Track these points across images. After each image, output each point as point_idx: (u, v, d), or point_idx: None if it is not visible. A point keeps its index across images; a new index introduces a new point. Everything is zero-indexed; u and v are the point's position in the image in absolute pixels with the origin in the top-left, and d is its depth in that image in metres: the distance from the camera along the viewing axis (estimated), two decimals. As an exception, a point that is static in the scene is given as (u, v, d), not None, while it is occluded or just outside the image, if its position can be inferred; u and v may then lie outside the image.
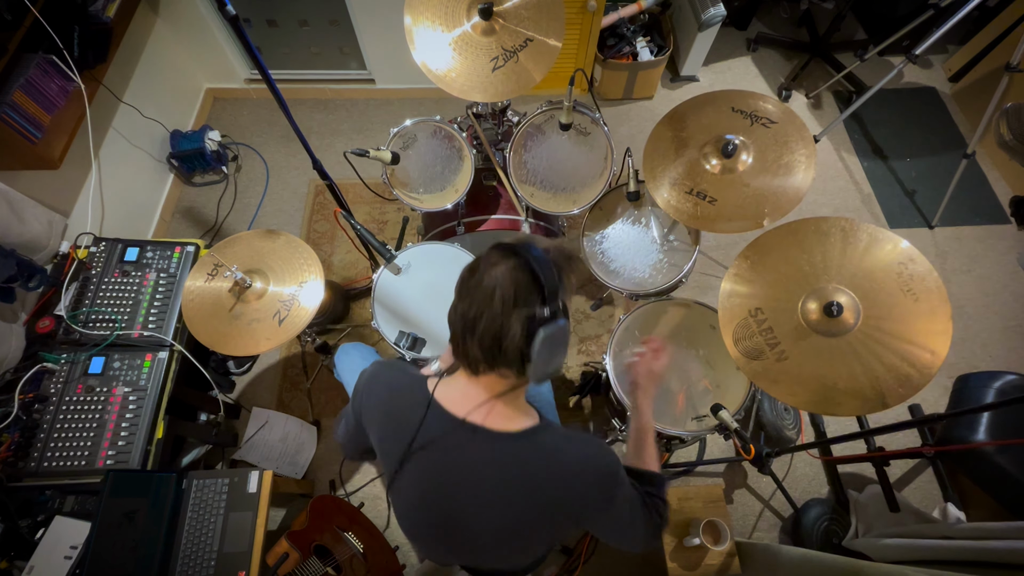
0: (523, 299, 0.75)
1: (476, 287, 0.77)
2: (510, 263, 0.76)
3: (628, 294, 1.64)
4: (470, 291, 0.78)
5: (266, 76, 1.15)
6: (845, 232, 1.16)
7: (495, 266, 0.77)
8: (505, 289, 0.75)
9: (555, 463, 0.83)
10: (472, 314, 0.77)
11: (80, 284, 1.58)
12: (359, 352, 1.48)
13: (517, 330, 0.74)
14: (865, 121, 2.78)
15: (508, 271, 0.75)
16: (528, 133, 1.62)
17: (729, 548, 1.54)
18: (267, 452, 1.88)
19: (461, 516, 0.86)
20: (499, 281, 0.75)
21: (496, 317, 0.75)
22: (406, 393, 0.91)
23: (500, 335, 0.75)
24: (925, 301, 1.06)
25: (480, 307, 0.76)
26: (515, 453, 0.83)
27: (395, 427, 0.89)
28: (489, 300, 0.75)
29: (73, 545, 1.28)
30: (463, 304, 0.79)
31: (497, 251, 0.79)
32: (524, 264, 0.76)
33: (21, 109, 1.60)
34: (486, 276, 0.76)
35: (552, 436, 0.85)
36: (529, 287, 0.75)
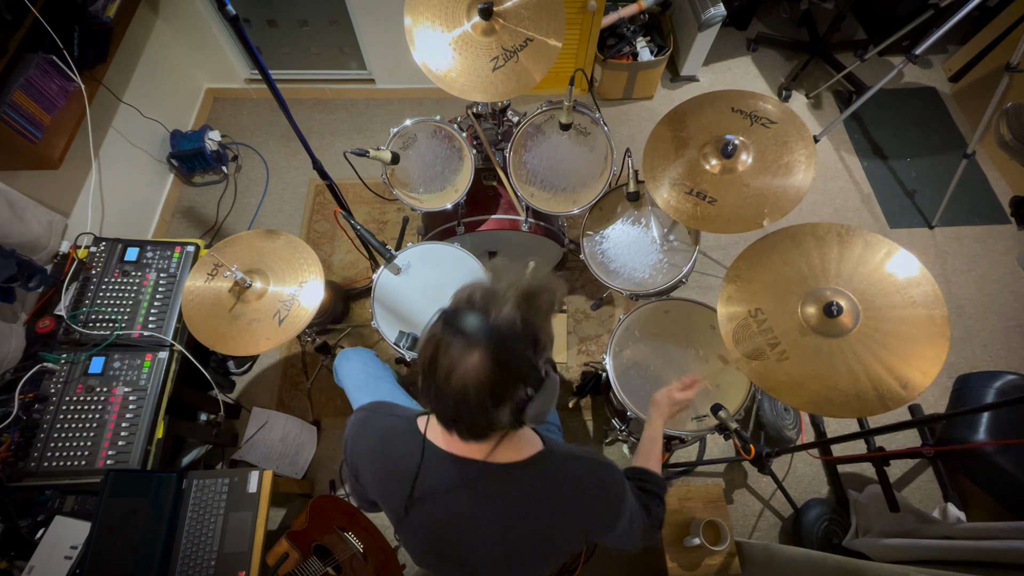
0: (500, 395, 0.68)
1: (444, 387, 0.68)
2: (472, 360, 0.65)
3: (628, 294, 1.64)
4: (439, 388, 0.69)
5: (266, 76, 1.15)
6: (841, 237, 1.16)
7: (458, 364, 0.66)
8: (477, 392, 0.66)
9: (563, 491, 0.82)
10: (448, 413, 0.71)
11: (80, 284, 1.58)
12: (359, 357, 1.48)
13: (505, 416, 0.70)
14: (865, 121, 2.78)
15: (473, 371, 0.66)
16: (528, 133, 1.62)
17: (729, 548, 1.54)
18: (267, 452, 1.88)
19: (471, 555, 0.85)
20: (468, 383, 0.66)
21: (476, 416, 0.69)
22: (397, 438, 0.88)
23: (486, 425, 0.72)
24: (923, 305, 1.06)
25: (456, 408, 0.69)
26: (522, 485, 0.81)
27: (392, 476, 0.86)
28: (463, 401, 0.68)
29: (73, 545, 1.28)
30: (435, 401, 0.71)
31: (455, 337, 0.67)
32: (488, 358, 0.65)
33: (21, 109, 1.60)
34: (452, 377, 0.67)
35: (558, 462, 0.84)
36: (503, 382, 0.67)
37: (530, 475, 0.81)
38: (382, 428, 0.92)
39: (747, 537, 1.89)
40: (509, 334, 0.67)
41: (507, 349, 0.67)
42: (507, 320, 0.68)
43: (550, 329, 0.74)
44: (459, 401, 0.68)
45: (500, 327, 0.67)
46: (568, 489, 0.82)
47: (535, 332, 0.70)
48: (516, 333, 0.68)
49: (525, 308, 0.69)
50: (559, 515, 0.82)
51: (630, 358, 1.58)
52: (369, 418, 0.95)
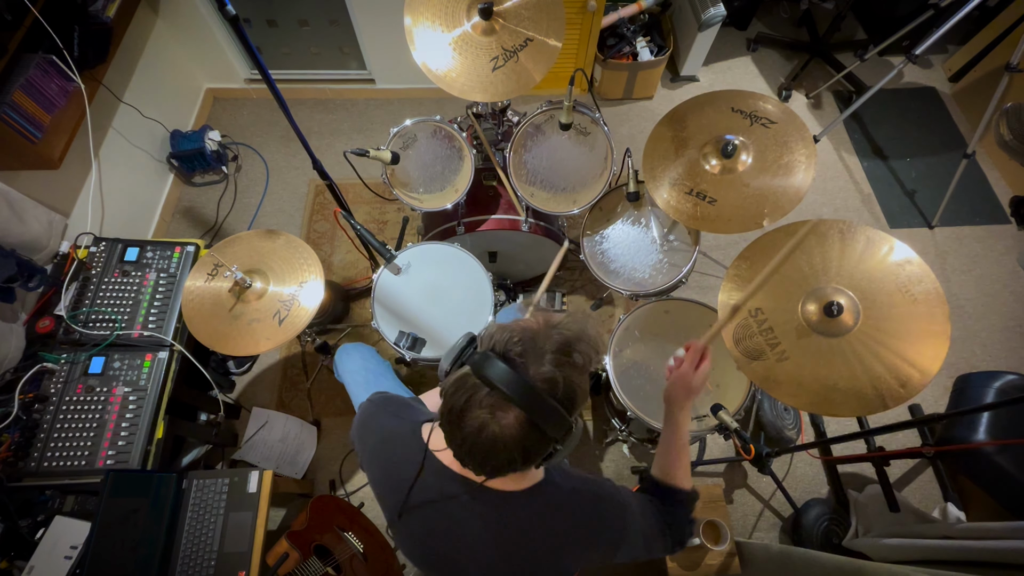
0: (532, 453, 0.66)
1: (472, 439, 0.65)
2: (508, 418, 0.63)
3: (628, 294, 1.64)
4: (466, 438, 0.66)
5: (266, 76, 1.15)
6: (843, 234, 1.16)
7: (490, 422, 0.64)
8: (508, 450, 0.65)
9: (560, 523, 0.81)
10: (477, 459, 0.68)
11: (80, 284, 1.58)
12: (360, 353, 1.48)
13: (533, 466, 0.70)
14: (865, 121, 2.78)
15: (509, 428, 0.64)
16: (528, 133, 1.62)
17: (729, 548, 1.54)
18: (267, 452, 1.88)
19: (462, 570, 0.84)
20: (500, 439, 0.64)
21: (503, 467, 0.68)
22: (399, 443, 0.87)
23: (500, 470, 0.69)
24: (924, 302, 1.06)
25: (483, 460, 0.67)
26: (518, 513, 0.80)
27: (390, 479, 0.85)
28: (491, 455, 0.66)
29: (73, 545, 1.28)
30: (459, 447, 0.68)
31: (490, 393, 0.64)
32: (524, 421, 0.64)
33: (21, 109, 1.60)
34: (482, 434, 0.64)
35: (557, 495, 0.82)
36: (536, 443, 0.65)
37: (528, 505, 0.80)
38: (385, 429, 0.91)
39: (747, 537, 1.89)
40: (547, 395, 0.64)
41: (544, 412, 0.64)
42: (546, 379, 0.65)
43: (586, 385, 0.70)
44: (487, 455, 0.66)
45: (538, 388, 0.64)
46: (564, 524, 0.81)
47: (572, 392, 0.67)
48: (555, 394, 0.65)
49: (565, 363, 0.66)
50: (552, 549, 0.80)
51: (630, 358, 1.58)
52: (374, 415, 0.94)
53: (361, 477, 1.96)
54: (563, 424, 0.66)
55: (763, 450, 1.28)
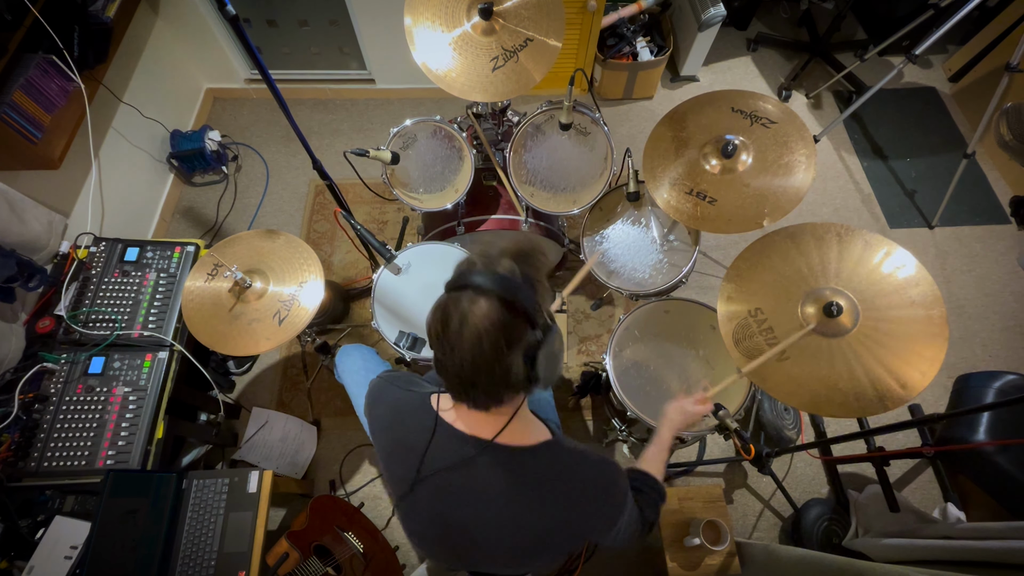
0: (514, 338, 0.71)
1: (458, 341, 0.71)
2: (482, 306, 0.70)
3: (628, 294, 1.64)
4: (453, 347, 0.72)
5: (266, 76, 1.15)
6: (841, 238, 1.16)
7: (469, 313, 0.70)
8: (492, 336, 0.70)
9: (570, 484, 0.82)
10: (467, 371, 0.72)
11: (80, 284, 1.58)
12: (360, 354, 1.48)
13: (519, 365, 0.72)
14: (865, 121, 2.78)
15: (485, 316, 0.70)
16: (528, 133, 1.62)
17: (729, 548, 1.54)
18: (267, 452, 1.88)
19: (473, 536, 0.85)
20: (482, 330, 0.69)
21: (493, 365, 0.71)
22: (410, 414, 0.89)
23: (504, 378, 0.73)
24: (921, 304, 1.06)
25: (473, 361, 0.71)
26: (530, 469, 0.82)
27: (401, 450, 0.88)
28: (479, 351, 0.70)
29: (73, 545, 1.28)
30: (452, 361, 0.73)
31: (461, 293, 0.72)
32: (496, 301, 0.70)
33: (21, 109, 1.60)
34: (464, 328, 0.70)
35: (567, 455, 0.85)
36: (513, 323, 0.71)
37: (537, 462, 0.83)
38: (395, 400, 0.94)
39: (747, 537, 1.89)
40: (512, 279, 0.72)
41: (512, 290, 0.71)
42: (507, 270, 0.73)
43: (546, 284, 0.78)
44: (475, 351, 0.70)
45: (502, 275, 0.72)
46: (573, 485, 0.83)
47: (532, 282, 0.74)
48: (518, 279, 0.73)
49: (522, 263, 0.75)
50: (562, 508, 0.82)
51: (630, 358, 1.58)
52: (384, 388, 0.97)
53: (361, 477, 1.97)
54: (533, 304, 0.72)
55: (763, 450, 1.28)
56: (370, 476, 1.96)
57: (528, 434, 0.84)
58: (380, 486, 1.94)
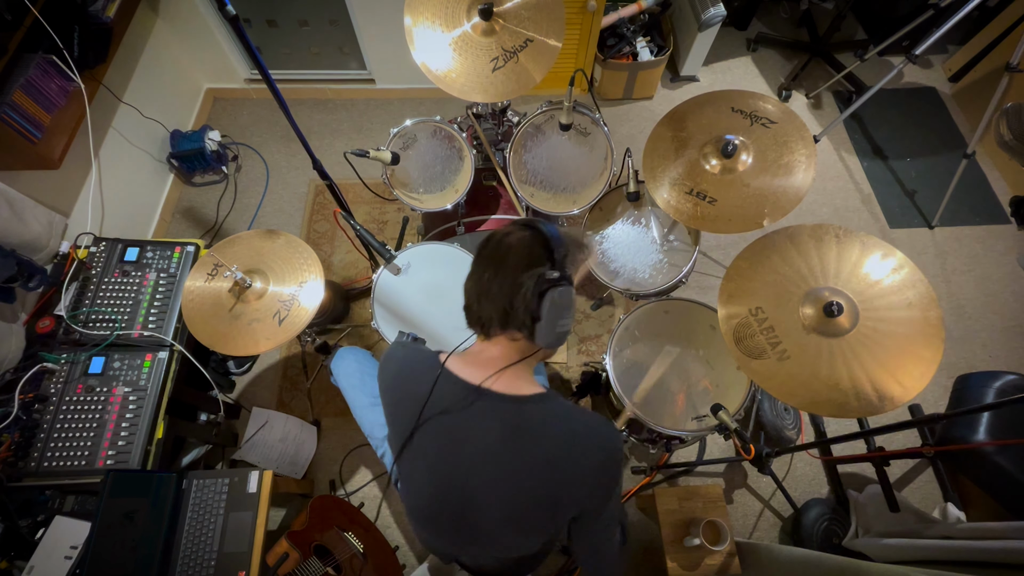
0: (534, 260, 0.81)
1: (491, 253, 0.84)
2: (524, 232, 0.84)
3: (628, 294, 1.64)
4: (484, 258, 0.85)
5: (266, 76, 1.15)
6: (839, 239, 1.16)
7: (510, 234, 0.84)
8: (518, 251, 0.82)
9: (565, 432, 0.83)
10: (486, 276, 0.83)
11: (80, 284, 1.58)
12: (354, 356, 1.48)
13: (529, 286, 0.79)
14: (865, 121, 2.78)
15: (521, 237, 0.83)
16: (528, 133, 1.62)
17: (729, 548, 1.54)
18: (267, 452, 1.88)
19: (469, 487, 0.86)
20: (512, 245, 0.82)
21: (508, 276, 0.81)
22: (417, 367, 0.95)
23: (512, 293, 0.80)
24: (918, 306, 1.06)
25: (494, 269, 0.83)
26: (525, 416, 0.84)
27: (405, 400, 0.92)
28: (502, 261, 0.82)
29: (73, 545, 1.28)
30: (478, 269, 0.86)
31: (513, 224, 0.86)
32: (536, 232, 0.83)
33: (21, 109, 1.60)
34: (501, 243, 0.84)
35: (562, 406, 0.87)
36: (539, 251, 0.82)
37: (535, 409, 0.85)
38: (405, 355, 0.99)
39: (747, 537, 1.89)
40: (555, 230, 0.85)
41: (551, 234, 0.83)
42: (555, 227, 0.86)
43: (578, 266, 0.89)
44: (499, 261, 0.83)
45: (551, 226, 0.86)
46: (570, 435, 0.83)
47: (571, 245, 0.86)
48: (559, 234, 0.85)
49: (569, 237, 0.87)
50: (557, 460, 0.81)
51: (630, 358, 1.58)
52: (396, 349, 1.03)
53: (361, 477, 1.96)
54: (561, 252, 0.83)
55: (763, 450, 1.27)
56: (370, 476, 1.96)
57: (526, 386, 0.88)
58: (380, 486, 1.94)
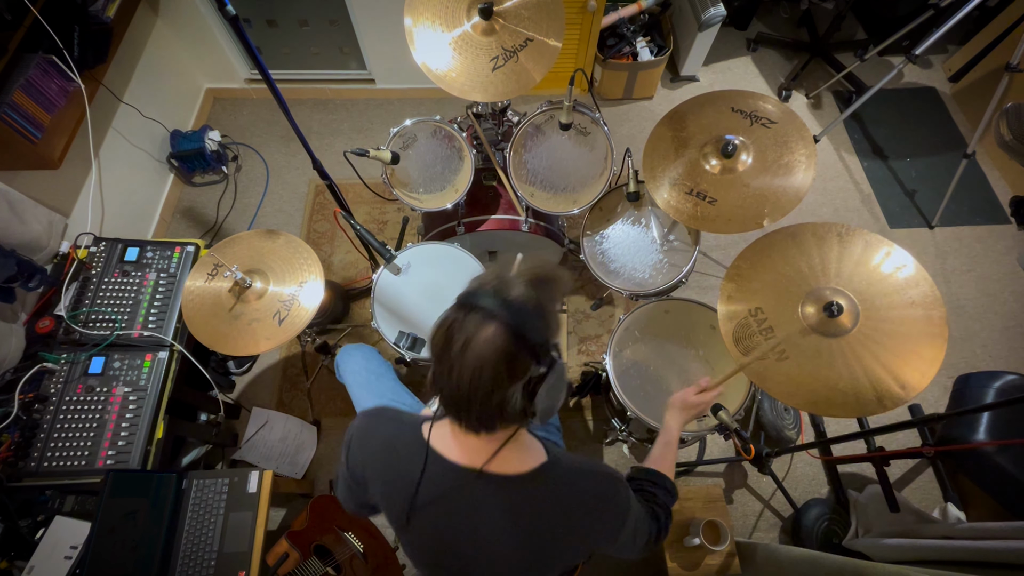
0: (516, 370, 0.69)
1: (459, 363, 0.68)
2: (489, 331, 0.67)
3: (628, 294, 1.64)
4: (453, 367, 0.69)
5: (266, 76, 1.15)
6: (842, 237, 1.16)
7: (474, 337, 0.67)
8: (494, 365, 0.67)
9: (568, 505, 0.81)
10: (463, 394, 0.70)
11: (80, 284, 1.58)
12: (361, 353, 1.48)
13: (516, 397, 0.70)
14: (865, 121, 2.78)
15: (490, 342, 0.67)
16: (528, 133, 1.62)
17: (729, 548, 1.54)
18: (267, 452, 1.88)
19: (471, 564, 0.84)
20: (484, 357, 0.67)
21: (490, 394, 0.69)
22: (401, 445, 0.87)
23: (499, 407, 0.71)
24: (921, 305, 1.06)
25: (471, 386, 0.69)
26: (526, 497, 0.81)
27: (395, 482, 0.85)
28: (479, 377, 0.68)
29: (73, 545, 1.28)
30: (448, 381, 0.71)
31: (471, 313, 0.69)
32: (505, 329, 0.67)
33: (21, 109, 1.60)
34: (467, 351, 0.67)
35: (562, 475, 0.83)
36: (518, 355, 0.68)
37: (534, 488, 0.81)
38: (387, 435, 0.90)
39: (747, 537, 1.89)
40: (524, 308, 0.69)
41: (523, 320, 0.68)
42: (522, 297, 0.70)
43: (559, 317, 0.76)
44: (475, 375, 0.68)
45: (515, 302, 0.69)
46: (573, 504, 0.81)
47: (545, 313, 0.72)
48: (530, 309, 0.70)
49: (539, 289, 0.72)
50: (562, 529, 0.81)
51: (630, 358, 1.59)
52: (374, 424, 0.93)
53: (361, 477, 1.96)
54: (542, 338, 0.70)
55: (763, 450, 1.27)
56: (370, 476, 1.96)
57: (523, 460, 0.81)
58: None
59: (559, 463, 0.83)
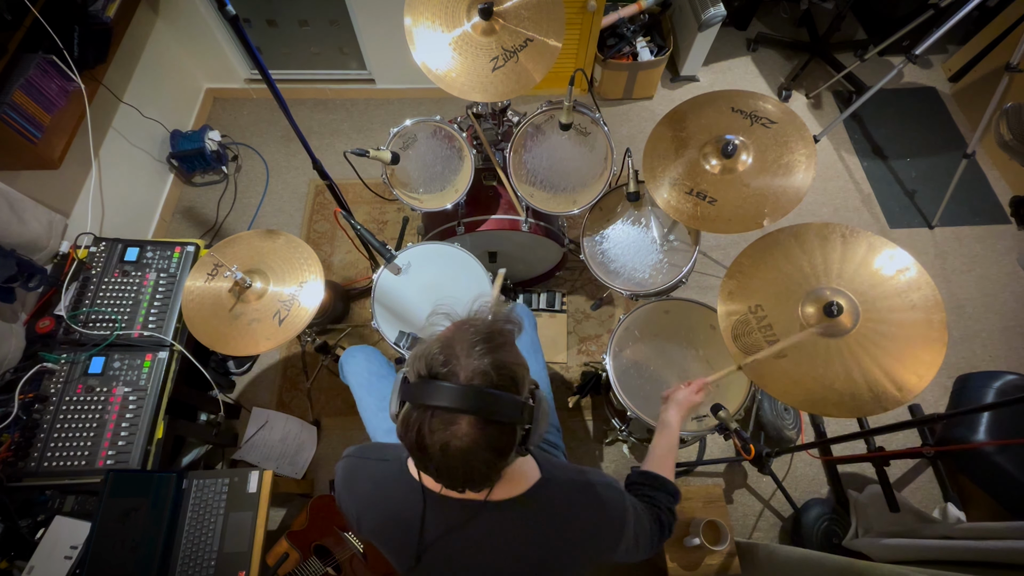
0: (505, 446, 0.67)
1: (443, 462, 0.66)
2: (462, 428, 0.63)
3: (628, 294, 1.64)
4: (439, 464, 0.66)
5: (266, 76, 1.15)
6: (845, 238, 1.16)
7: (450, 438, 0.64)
8: (481, 454, 0.65)
9: (565, 521, 0.81)
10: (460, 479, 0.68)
11: (80, 284, 1.58)
12: (364, 355, 1.48)
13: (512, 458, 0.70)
14: (865, 121, 2.78)
15: (468, 437, 0.64)
16: (528, 133, 1.62)
17: (729, 548, 1.54)
18: (267, 452, 1.88)
19: None
20: (469, 451, 0.64)
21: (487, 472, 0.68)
22: (392, 485, 0.85)
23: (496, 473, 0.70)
24: (922, 308, 1.06)
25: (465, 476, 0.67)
26: (525, 518, 0.80)
27: (393, 524, 0.84)
28: (469, 467, 0.66)
29: (73, 545, 1.28)
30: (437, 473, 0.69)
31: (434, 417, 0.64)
32: (477, 422, 0.64)
33: (21, 109, 1.60)
34: (448, 452, 0.64)
35: (557, 491, 0.82)
36: (500, 434, 0.66)
37: (531, 508, 0.81)
38: (374, 475, 0.89)
39: (747, 537, 1.89)
40: (487, 389, 0.65)
41: (491, 404, 0.64)
42: (478, 374, 0.65)
43: (519, 356, 0.72)
44: (465, 469, 0.66)
45: (476, 385, 0.64)
46: (570, 519, 0.82)
47: (509, 372, 0.67)
48: (493, 383, 0.65)
49: (489, 351, 0.67)
50: (563, 544, 0.81)
51: (630, 358, 1.58)
52: (359, 465, 0.92)
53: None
54: (516, 407, 0.66)
55: (763, 450, 1.27)
56: (370, 476, 1.96)
57: (518, 482, 0.81)
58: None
59: (553, 479, 0.83)
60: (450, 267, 1.55)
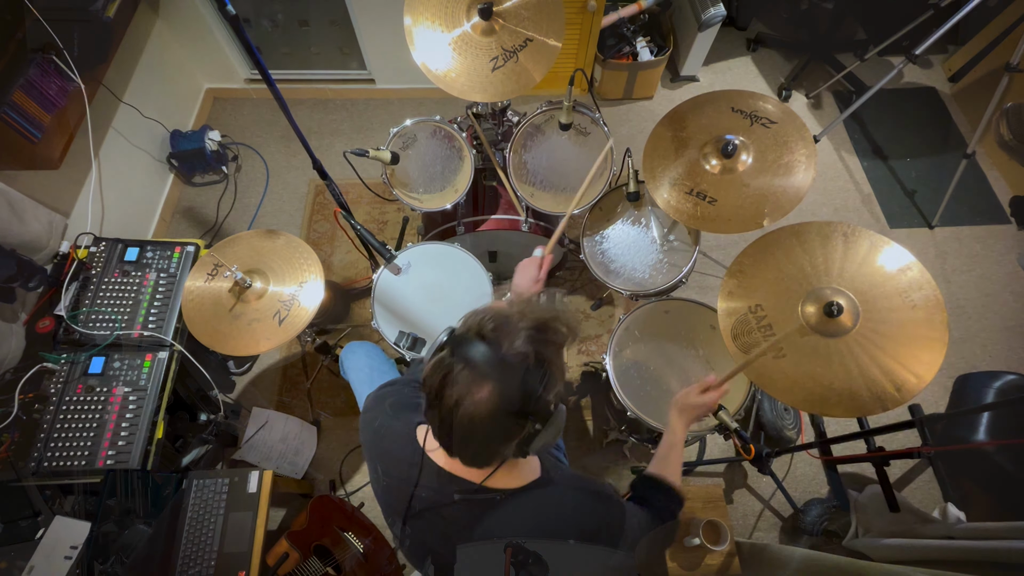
0: (510, 432, 0.67)
1: (450, 418, 0.66)
2: (482, 395, 0.64)
3: (628, 294, 1.64)
4: (443, 419, 0.67)
5: (266, 76, 1.15)
6: (847, 237, 1.16)
7: (467, 397, 0.64)
8: (485, 426, 0.65)
9: (559, 524, 0.81)
10: (455, 442, 0.69)
11: (80, 284, 1.58)
12: (364, 350, 1.48)
13: (510, 449, 0.70)
14: (865, 121, 2.78)
15: (483, 405, 0.64)
16: (528, 133, 1.62)
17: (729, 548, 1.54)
18: (267, 452, 1.88)
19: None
20: (476, 418, 0.65)
21: (483, 447, 0.69)
22: (395, 444, 0.86)
23: (492, 455, 0.71)
24: (923, 308, 1.06)
25: (463, 439, 0.68)
26: (519, 512, 0.80)
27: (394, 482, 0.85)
28: (472, 433, 0.66)
29: (73, 545, 1.28)
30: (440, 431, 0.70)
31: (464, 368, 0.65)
32: (498, 394, 0.64)
33: (21, 109, 1.60)
34: (459, 410, 0.65)
35: (555, 493, 0.82)
36: (511, 418, 0.66)
37: (527, 503, 0.80)
38: (380, 428, 0.91)
39: (747, 537, 1.89)
40: (520, 369, 0.65)
41: (517, 385, 0.65)
42: (519, 354, 0.66)
43: (562, 363, 0.72)
44: (465, 434, 0.67)
45: (511, 361, 0.65)
46: (564, 522, 0.81)
47: (546, 367, 0.68)
48: (527, 368, 0.66)
49: (538, 341, 0.67)
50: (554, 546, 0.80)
51: (630, 358, 1.58)
52: (374, 412, 0.95)
53: (361, 477, 1.96)
54: (537, 400, 0.66)
55: (763, 450, 1.27)
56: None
57: (518, 475, 0.81)
58: (380, 486, 1.94)
59: (552, 481, 0.83)
60: (450, 267, 1.55)
